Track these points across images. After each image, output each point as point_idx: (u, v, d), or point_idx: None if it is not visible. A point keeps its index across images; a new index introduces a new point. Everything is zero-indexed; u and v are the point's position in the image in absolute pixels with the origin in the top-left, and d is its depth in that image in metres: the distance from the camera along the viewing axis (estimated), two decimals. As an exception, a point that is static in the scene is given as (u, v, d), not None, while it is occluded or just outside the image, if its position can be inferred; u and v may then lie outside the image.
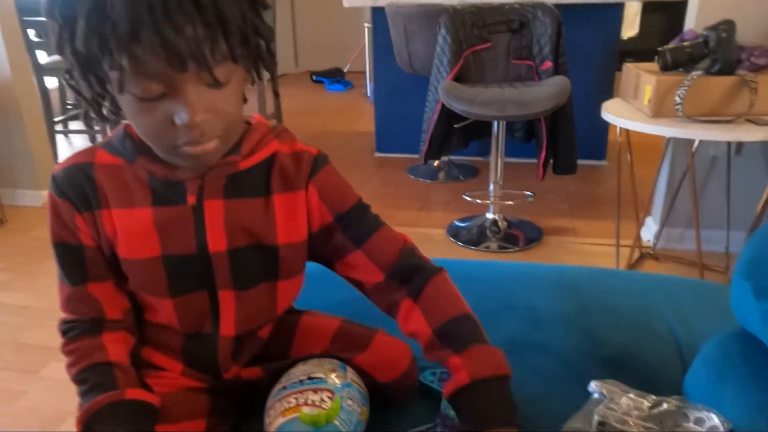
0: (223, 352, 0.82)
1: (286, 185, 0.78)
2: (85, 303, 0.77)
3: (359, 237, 0.81)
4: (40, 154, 2.92)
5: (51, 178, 0.75)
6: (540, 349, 1.01)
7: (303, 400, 0.75)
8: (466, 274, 1.25)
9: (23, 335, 1.91)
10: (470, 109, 2.18)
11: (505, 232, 2.54)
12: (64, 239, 0.76)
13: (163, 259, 0.75)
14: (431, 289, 0.81)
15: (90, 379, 0.74)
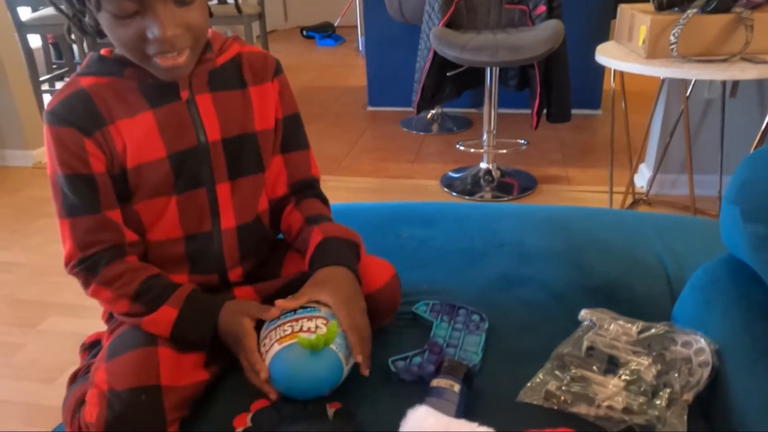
0: (227, 246, 0.88)
1: (256, 79, 0.88)
2: (107, 229, 0.80)
3: (288, 144, 0.94)
4: (27, 114, 2.88)
5: (48, 114, 0.77)
6: (530, 283, 1.02)
7: (299, 327, 0.76)
8: (457, 214, 1.25)
9: (18, 291, 1.91)
10: (462, 55, 2.14)
11: (499, 181, 2.53)
12: (75, 169, 0.78)
13: (168, 158, 0.81)
14: (312, 203, 0.95)
15: (156, 286, 0.81)
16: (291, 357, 0.74)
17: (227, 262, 0.89)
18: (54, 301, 1.85)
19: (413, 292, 0.98)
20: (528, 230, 1.18)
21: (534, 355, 0.83)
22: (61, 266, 2.14)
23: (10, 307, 1.83)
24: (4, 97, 2.79)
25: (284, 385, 0.75)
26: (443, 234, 1.17)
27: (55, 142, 0.77)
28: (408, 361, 0.83)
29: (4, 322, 1.76)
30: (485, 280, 1.02)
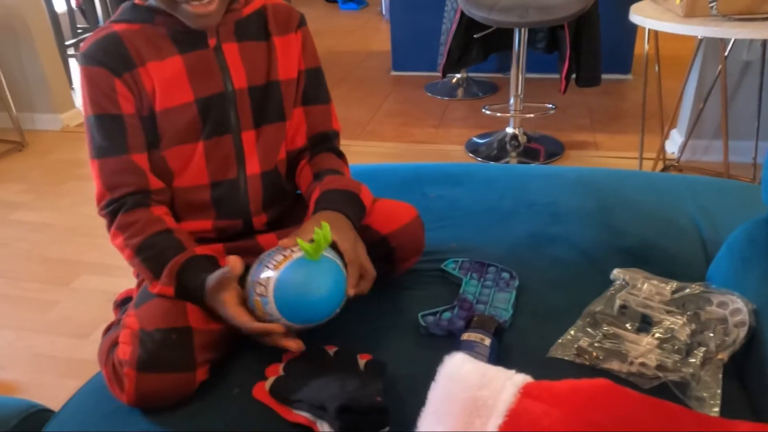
0: (253, 191, 0.90)
1: (280, 30, 0.90)
2: (132, 172, 0.82)
3: (308, 97, 0.94)
4: (54, 78, 2.90)
5: (81, 55, 0.81)
6: (560, 241, 1.01)
7: (289, 251, 0.73)
8: (485, 175, 1.24)
9: (49, 250, 1.96)
10: (490, 16, 2.09)
11: (525, 147, 2.49)
12: (105, 109, 0.81)
13: (196, 103, 0.84)
14: (324, 158, 0.95)
15: (158, 245, 0.80)
16: (294, 274, 0.72)
17: (252, 208, 0.91)
18: (85, 260, 1.89)
19: (441, 251, 0.97)
20: (558, 191, 1.16)
21: (564, 313, 0.83)
22: (91, 227, 2.18)
23: (43, 266, 1.88)
24: (32, 62, 2.81)
25: (294, 308, 0.72)
26: (471, 194, 1.16)
27: (87, 81, 0.80)
28: (438, 316, 0.83)
29: (38, 280, 1.81)
30: (515, 239, 1.01)
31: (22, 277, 1.82)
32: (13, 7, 2.66)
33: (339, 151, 0.98)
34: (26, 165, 2.61)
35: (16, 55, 2.80)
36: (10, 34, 2.73)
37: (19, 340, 1.56)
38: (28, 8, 2.71)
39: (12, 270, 1.86)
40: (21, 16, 2.70)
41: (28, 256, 1.94)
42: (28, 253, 1.95)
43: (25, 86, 2.87)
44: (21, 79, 2.85)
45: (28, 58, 2.80)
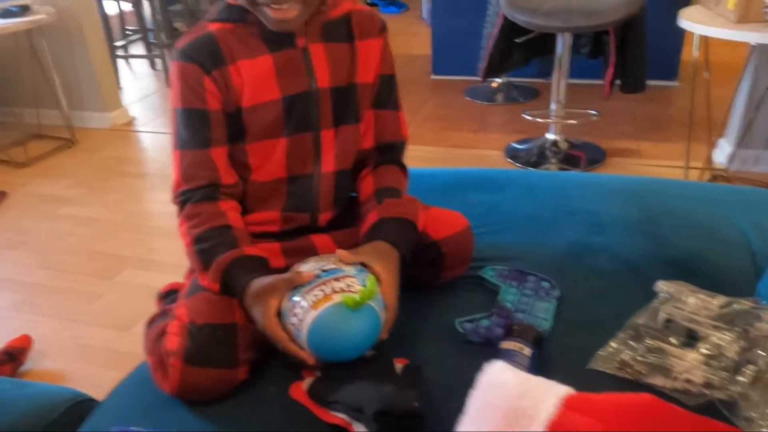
0: (324, 188, 0.93)
1: (363, 34, 0.92)
2: (206, 167, 0.86)
3: (381, 102, 0.97)
4: (104, 78, 2.99)
5: (177, 51, 0.85)
6: (602, 251, 0.99)
7: (330, 289, 0.73)
8: (526, 181, 1.22)
9: (96, 244, 2.02)
10: (533, 20, 2.06)
11: (566, 153, 2.45)
12: (192, 104, 0.85)
13: (282, 100, 0.87)
14: (387, 172, 0.96)
15: (213, 238, 0.83)
16: (331, 320, 0.72)
17: (321, 204, 0.94)
18: (128, 255, 1.95)
19: (480, 258, 0.96)
20: (600, 199, 1.14)
21: (605, 324, 0.81)
22: (135, 223, 2.24)
23: (89, 259, 1.94)
24: (84, 62, 2.91)
25: (325, 349, 0.73)
26: (512, 200, 1.15)
27: (179, 76, 0.85)
28: (475, 323, 0.82)
29: (84, 273, 1.87)
30: (555, 248, 0.99)
31: (70, 270, 1.89)
32: (69, 9, 2.77)
33: (402, 164, 1.00)
34: (75, 161, 2.71)
35: (70, 56, 2.90)
36: (64, 36, 2.83)
37: (64, 330, 1.61)
38: (82, 10, 2.81)
39: (61, 262, 1.93)
40: (76, 18, 2.80)
41: (75, 249, 2.00)
42: (75, 246, 2.02)
43: (77, 85, 2.98)
44: (73, 79, 2.96)
45: (81, 58, 2.90)
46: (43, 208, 2.29)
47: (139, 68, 4.14)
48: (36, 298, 1.76)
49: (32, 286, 1.82)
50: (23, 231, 2.14)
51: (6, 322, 1.66)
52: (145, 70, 4.09)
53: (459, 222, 0.91)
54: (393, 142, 0.99)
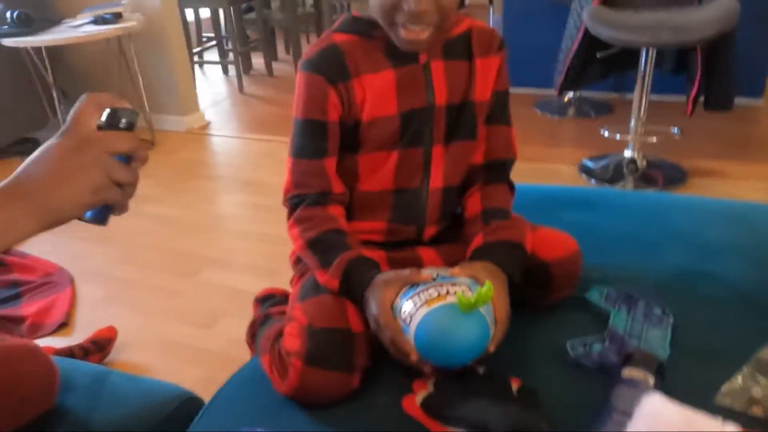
0: (432, 203, 0.94)
1: (482, 51, 0.92)
2: (319, 176, 0.89)
3: (493, 118, 0.96)
4: (183, 83, 3.11)
5: (303, 62, 0.87)
6: (714, 280, 0.95)
7: (444, 291, 0.73)
8: (621, 201, 1.19)
9: (175, 243, 2.10)
10: (619, 35, 2.02)
11: (644, 172, 2.38)
12: (313, 115, 0.87)
13: (399, 115, 0.88)
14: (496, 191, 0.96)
15: (329, 240, 0.85)
16: (442, 319, 0.71)
17: (427, 218, 0.95)
18: (205, 255, 2.01)
19: (582, 278, 0.94)
20: (704, 223, 1.09)
21: (725, 357, 0.77)
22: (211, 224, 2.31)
23: (169, 257, 2.01)
24: (165, 67, 3.04)
25: (432, 349, 0.72)
26: (607, 220, 1.12)
27: (304, 86, 0.87)
28: (587, 347, 0.80)
29: (165, 270, 1.94)
30: (662, 273, 0.96)
31: (152, 266, 1.96)
32: (156, 16, 2.89)
33: (510, 182, 0.99)
34: (155, 162, 2.82)
35: (154, 60, 3.03)
36: (148, 41, 2.97)
37: (148, 325, 1.67)
38: (166, 18, 2.93)
39: (143, 258, 2.01)
40: (161, 25, 2.93)
41: (156, 246, 2.08)
42: (156, 244, 2.10)
43: (158, 89, 3.10)
44: (155, 82, 3.09)
45: (163, 63, 3.03)
46: (127, 206, 2.39)
47: (212, 74, 4.29)
48: (121, 292, 1.84)
49: (118, 280, 1.90)
50: (110, 226, 2.23)
51: (95, 313, 1.74)
52: (219, 75, 4.23)
53: (569, 244, 0.90)
54: (503, 159, 0.98)
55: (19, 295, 1.83)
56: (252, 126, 3.23)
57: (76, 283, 1.89)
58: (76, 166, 0.53)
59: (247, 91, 3.81)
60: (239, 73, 3.77)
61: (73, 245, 2.11)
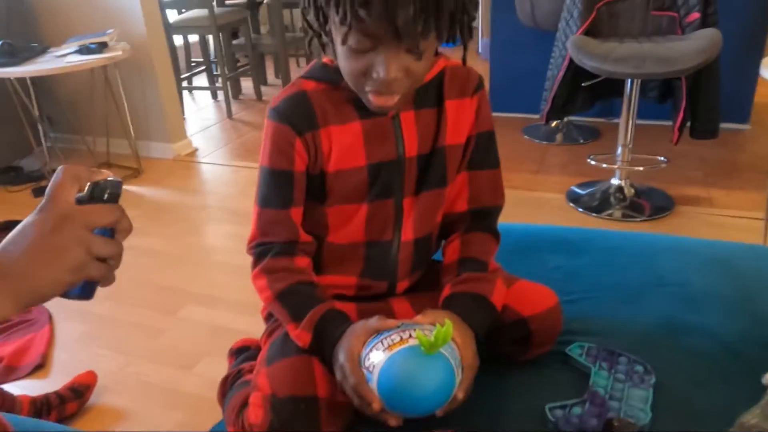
0: (403, 256, 0.91)
1: (455, 93, 0.89)
2: (286, 226, 0.86)
3: (475, 162, 0.92)
4: (170, 109, 3.10)
5: (271, 110, 0.85)
6: (698, 331, 0.93)
7: (407, 335, 0.72)
8: (607, 244, 1.17)
9: (159, 278, 2.06)
10: (603, 66, 2.02)
11: (631, 200, 2.37)
12: (279, 165, 0.85)
13: (367, 167, 0.86)
14: (477, 239, 0.92)
15: (300, 292, 0.84)
16: (404, 362, 0.70)
17: (399, 272, 0.92)
18: (190, 290, 1.98)
19: (564, 331, 0.92)
20: (690, 268, 1.08)
21: (710, 418, 0.75)
22: (197, 256, 2.27)
23: (153, 293, 1.98)
24: (152, 93, 3.02)
25: (395, 395, 0.70)
26: (593, 265, 1.10)
27: (271, 135, 0.85)
28: (567, 410, 0.78)
29: (148, 306, 1.90)
30: (645, 324, 0.94)
31: (134, 302, 1.92)
32: (142, 44, 2.89)
33: (495, 231, 0.96)
34: (141, 191, 2.79)
35: (140, 87, 3.02)
36: (135, 69, 2.95)
37: (128, 366, 1.63)
38: (153, 46, 2.92)
39: (125, 294, 1.97)
40: (147, 53, 2.92)
41: (139, 281, 2.05)
42: (139, 278, 2.06)
43: (144, 116, 3.09)
44: (141, 109, 3.07)
45: (149, 90, 3.01)
46: (110, 238, 2.35)
47: (201, 99, 4.28)
48: (102, 330, 1.80)
49: (99, 317, 1.86)
50: (91, 260, 2.20)
51: (73, 354, 1.69)
52: (207, 100, 4.22)
53: (548, 298, 0.88)
54: (488, 207, 0.95)
55: (-5, 334, 1.79)
56: (240, 152, 3.22)
57: (54, 320, 1.85)
58: (55, 245, 0.51)
59: (236, 116, 3.81)
60: (228, 98, 3.76)
61: (54, 280, 2.07)
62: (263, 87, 4.23)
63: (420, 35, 0.69)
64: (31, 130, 2.81)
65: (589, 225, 2.25)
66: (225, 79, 3.73)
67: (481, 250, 0.91)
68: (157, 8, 2.96)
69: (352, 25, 0.69)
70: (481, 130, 0.91)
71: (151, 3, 2.89)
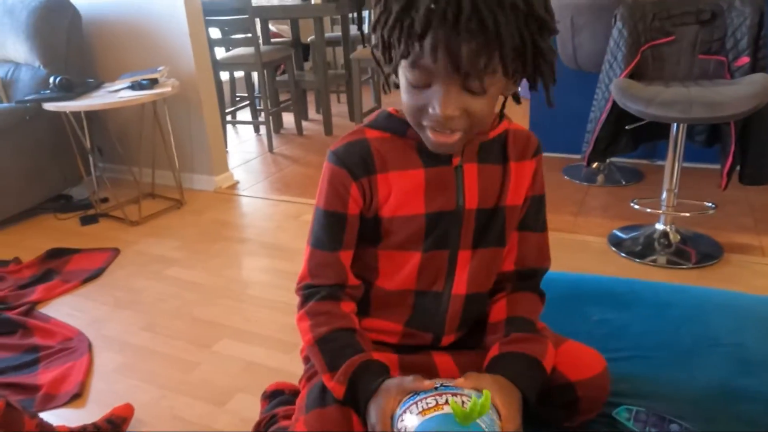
0: (452, 310, 0.90)
1: (518, 155, 0.90)
2: (335, 268, 0.87)
3: (527, 223, 0.93)
4: (214, 142, 3.18)
5: (330, 153, 0.86)
6: (756, 399, 0.87)
7: (444, 400, 0.70)
8: (657, 299, 1.13)
9: (196, 310, 2.08)
10: (648, 110, 1.98)
11: (677, 246, 2.29)
12: (334, 207, 0.86)
13: (426, 216, 0.85)
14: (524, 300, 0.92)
15: (339, 340, 0.83)
16: (435, 429, 0.68)
17: (447, 326, 0.91)
18: (226, 324, 1.99)
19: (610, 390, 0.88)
20: (746, 328, 1.02)
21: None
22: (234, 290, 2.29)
23: (189, 325, 2.00)
24: (198, 127, 3.12)
25: None
26: (641, 321, 1.06)
27: (328, 178, 0.86)
28: (614, 480, 0.74)
29: (184, 338, 1.92)
30: (698, 387, 0.89)
31: (171, 334, 1.94)
32: (190, 80, 2.99)
33: (540, 291, 0.95)
34: (183, 222, 2.85)
35: (186, 121, 3.12)
36: (183, 103, 3.06)
37: (162, 399, 1.64)
38: (200, 82, 3.03)
39: (163, 325, 2.00)
40: (194, 88, 3.02)
41: (177, 313, 2.07)
42: (177, 310, 2.09)
43: (189, 149, 3.18)
44: (186, 142, 3.17)
45: (195, 123, 3.11)
46: (151, 268, 2.40)
47: (244, 132, 4.39)
48: (138, 361, 1.82)
49: (136, 348, 1.88)
50: (131, 290, 2.25)
51: (110, 384, 1.71)
52: (250, 134, 4.33)
53: (596, 363, 0.84)
54: (535, 268, 0.94)
55: (37, 360, 1.83)
56: (278, 186, 3.27)
57: (94, 349, 1.89)
58: None
59: (276, 150, 3.88)
60: (270, 132, 3.84)
61: (96, 309, 2.12)
62: (304, 122, 4.32)
63: (480, 72, 0.69)
64: (82, 160, 2.93)
65: (631, 270, 2.18)
66: (267, 114, 3.82)
67: (528, 310, 0.90)
68: (206, 46, 3.07)
69: (411, 59, 0.71)
70: (536, 193, 0.92)
71: (201, 41, 3.00)
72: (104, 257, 2.48)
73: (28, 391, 1.68)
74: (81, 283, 2.28)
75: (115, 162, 3.35)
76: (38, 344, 1.90)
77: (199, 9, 2.97)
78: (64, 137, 2.84)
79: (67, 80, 2.68)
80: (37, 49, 2.89)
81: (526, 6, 0.68)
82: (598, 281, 1.22)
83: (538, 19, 0.70)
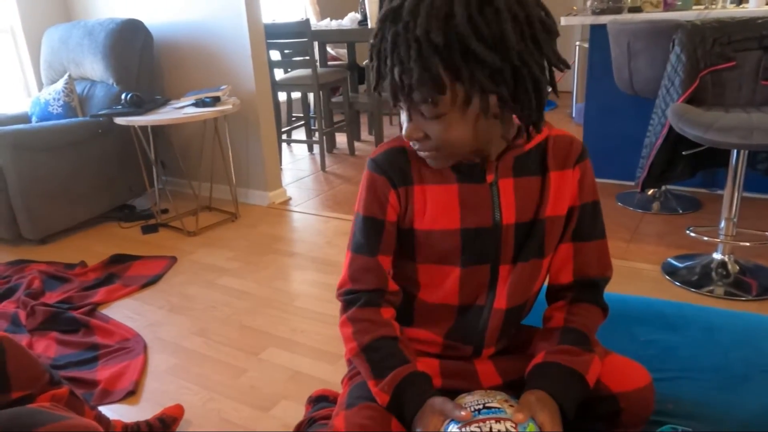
0: (493, 323, 0.89)
1: (558, 164, 0.88)
2: (375, 273, 0.89)
3: (581, 233, 0.90)
4: (269, 159, 3.30)
5: (370, 160, 0.90)
6: (811, 428, 0.84)
7: (487, 428, 0.71)
8: (707, 322, 1.10)
9: (246, 318, 2.15)
10: (706, 135, 1.94)
11: (736, 277, 2.21)
12: (373, 213, 0.89)
13: (461, 231, 0.86)
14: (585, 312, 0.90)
15: (383, 348, 0.85)
16: None
17: (487, 339, 0.92)
18: (273, 333, 2.04)
19: (657, 411, 0.87)
20: (802, 356, 0.98)
21: None
22: (282, 301, 2.34)
23: (239, 333, 2.06)
24: (255, 144, 3.24)
25: None
26: (689, 344, 1.03)
27: (368, 185, 0.89)
28: (656, 497, 0.72)
29: (233, 345, 1.98)
30: (748, 413, 0.86)
31: (221, 341, 2.01)
32: (249, 99, 3.13)
33: (603, 303, 0.93)
34: (237, 234, 2.96)
35: (244, 138, 3.25)
36: (242, 121, 3.19)
37: (211, 401, 1.70)
38: (260, 101, 3.16)
39: (214, 332, 2.07)
40: (254, 107, 3.15)
41: (228, 320, 2.14)
42: (228, 318, 2.16)
43: (246, 164, 3.30)
44: (243, 158, 3.29)
45: (252, 141, 3.24)
46: (204, 277, 2.50)
47: (298, 151, 4.52)
48: (190, 364, 1.89)
49: (188, 352, 1.96)
50: (185, 296, 2.34)
51: (163, 384, 1.79)
52: (304, 153, 4.45)
53: (641, 376, 0.83)
54: (596, 278, 0.92)
55: (96, 358, 1.93)
56: (329, 204, 3.34)
57: (149, 350, 1.97)
58: None
59: (329, 169, 3.98)
60: (323, 151, 3.95)
61: (152, 313, 2.22)
62: (357, 143, 4.41)
63: (424, 96, 0.73)
64: (147, 173, 3.09)
65: (687, 300, 2.11)
66: (321, 134, 3.93)
67: (586, 323, 0.89)
68: (266, 68, 3.21)
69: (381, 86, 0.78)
70: (586, 201, 0.90)
71: (262, 63, 3.14)
72: (162, 264, 2.60)
73: (87, 385, 1.77)
74: (140, 288, 2.40)
75: (176, 176, 3.51)
76: (98, 343, 2.00)
77: (262, 32, 3.12)
78: (131, 150, 3.01)
79: (137, 97, 2.86)
80: (111, 68, 3.10)
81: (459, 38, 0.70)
82: (646, 303, 1.20)
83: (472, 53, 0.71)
